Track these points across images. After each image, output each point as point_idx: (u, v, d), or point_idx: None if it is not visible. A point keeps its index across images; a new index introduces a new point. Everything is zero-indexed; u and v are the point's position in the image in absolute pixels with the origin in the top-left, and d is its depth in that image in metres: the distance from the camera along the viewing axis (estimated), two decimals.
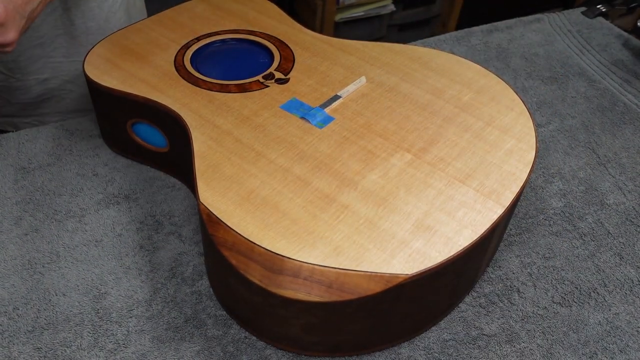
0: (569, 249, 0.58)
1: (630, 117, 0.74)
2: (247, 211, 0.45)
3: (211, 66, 0.62)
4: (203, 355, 0.47)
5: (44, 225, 0.57)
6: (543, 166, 0.67)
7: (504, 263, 0.56)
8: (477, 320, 0.51)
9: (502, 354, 0.49)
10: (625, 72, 0.82)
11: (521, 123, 0.55)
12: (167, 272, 0.53)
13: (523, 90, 0.78)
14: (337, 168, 0.49)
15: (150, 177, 0.62)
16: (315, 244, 0.43)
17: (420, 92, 0.58)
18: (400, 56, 0.63)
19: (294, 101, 0.56)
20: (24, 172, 0.62)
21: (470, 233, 0.44)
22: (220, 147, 0.51)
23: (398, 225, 0.45)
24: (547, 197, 0.63)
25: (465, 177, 0.49)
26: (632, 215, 0.61)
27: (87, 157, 0.64)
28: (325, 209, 0.46)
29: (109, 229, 0.57)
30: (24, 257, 0.54)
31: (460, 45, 0.86)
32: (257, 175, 0.48)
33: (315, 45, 0.65)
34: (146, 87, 0.57)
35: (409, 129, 0.53)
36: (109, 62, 0.60)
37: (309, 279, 0.41)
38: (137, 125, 0.61)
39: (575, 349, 0.49)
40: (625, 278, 0.55)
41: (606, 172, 0.66)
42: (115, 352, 0.47)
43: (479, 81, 0.60)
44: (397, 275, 0.41)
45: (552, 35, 0.90)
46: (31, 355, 0.47)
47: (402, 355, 0.48)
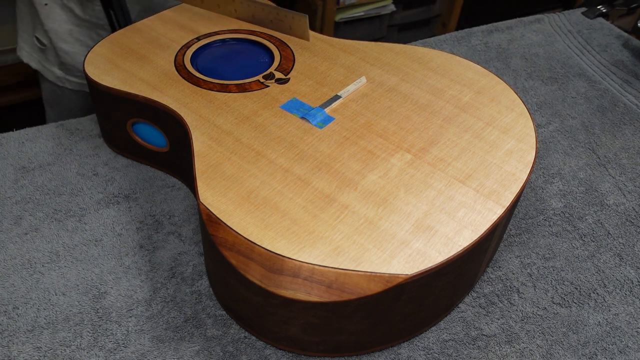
0: (568, 250, 0.58)
1: (631, 118, 0.74)
2: (247, 211, 0.45)
3: (211, 66, 0.62)
4: (203, 355, 0.47)
5: (43, 224, 0.57)
6: (543, 167, 0.67)
7: (504, 263, 0.56)
8: (476, 321, 0.51)
9: (502, 354, 0.49)
10: (626, 72, 0.82)
11: (521, 123, 0.55)
12: (167, 272, 0.53)
13: (523, 90, 0.78)
14: (337, 168, 0.49)
15: (150, 177, 0.62)
16: (315, 244, 0.43)
17: (420, 93, 0.58)
18: (401, 56, 0.63)
19: (294, 101, 0.56)
20: (24, 171, 0.62)
21: (470, 233, 0.44)
22: (220, 147, 0.51)
23: (398, 226, 0.45)
24: (547, 198, 0.63)
25: (465, 177, 0.49)
26: (632, 216, 0.61)
27: (87, 156, 0.64)
28: (325, 209, 0.46)
29: (108, 229, 0.57)
30: (24, 256, 0.54)
31: (460, 46, 0.86)
32: (257, 175, 0.48)
33: (316, 45, 0.65)
34: (146, 87, 0.57)
35: (409, 129, 0.53)
36: (109, 62, 0.60)
37: (309, 279, 0.41)
38: (137, 125, 0.61)
39: (574, 349, 0.49)
40: (625, 279, 0.55)
41: (606, 173, 0.66)
42: (115, 352, 0.47)
43: (479, 81, 0.60)
44: (397, 275, 0.41)
45: (553, 35, 0.90)
46: (31, 354, 0.47)
47: (402, 355, 0.48)
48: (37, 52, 0.87)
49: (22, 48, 0.90)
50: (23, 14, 0.86)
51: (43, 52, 0.86)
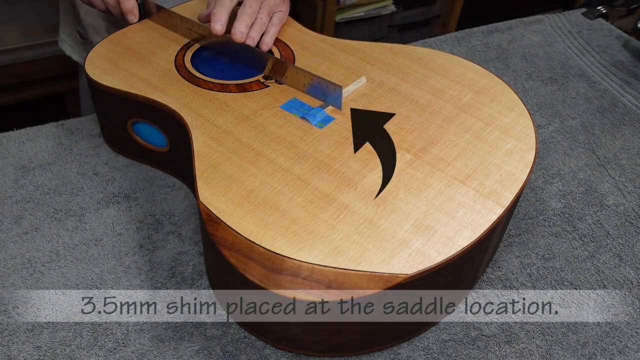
0: (568, 250, 0.58)
1: (630, 119, 0.74)
2: (247, 211, 0.45)
3: (211, 66, 0.62)
4: (202, 354, 0.47)
5: (44, 224, 0.57)
6: (543, 167, 0.67)
7: (504, 264, 0.56)
8: (476, 321, 0.51)
9: (502, 354, 0.49)
10: (625, 73, 0.82)
11: (521, 124, 0.55)
12: (167, 272, 0.53)
13: (523, 91, 0.78)
14: (337, 168, 0.49)
15: (150, 177, 0.62)
16: (315, 244, 0.43)
17: (420, 93, 0.58)
18: (401, 56, 0.63)
19: (294, 101, 0.56)
20: (24, 170, 0.62)
21: (470, 233, 0.44)
22: (220, 146, 0.51)
23: (398, 225, 0.45)
24: (547, 198, 0.63)
25: (465, 177, 0.49)
26: (631, 217, 0.61)
27: (88, 156, 0.64)
28: (324, 208, 0.46)
29: (108, 228, 0.57)
30: (24, 255, 0.54)
31: (460, 46, 0.86)
32: (257, 175, 0.48)
33: (316, 45, 0.65)
34: (147, 86, 0.57)
35: (409, 129, 0.53)
36: (109, 61, 0.60)
37: (309, 279, 0.41)
38: (137, 125, 0.61)
39: (574, 350, 0.50)
40: (624, 279, 0.55)
41: (606, 173, 0.66)
42: (115, 351, 0.47)
43: (479, 82, 0.60)
44: (396, 275, 0.41)
45: (553, 36, 0.90)
46: (31, 354, 0.47)
47: (402, 355, 0.48)
48: (79, 45, 0.88)
49: (64, 41, 0.91)
50: (66, 8, 0.87)
51: (84, 45, 0.87)
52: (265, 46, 0.62)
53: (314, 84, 0.56)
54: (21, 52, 1.48)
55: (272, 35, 0.63)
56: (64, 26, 0.90)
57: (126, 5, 0.64)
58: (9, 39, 1.45)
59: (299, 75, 0.57)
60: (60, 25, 0.91)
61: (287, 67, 0.57)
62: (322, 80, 0.55)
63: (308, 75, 0.56)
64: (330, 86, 0.55)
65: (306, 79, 0.56)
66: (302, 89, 0.57)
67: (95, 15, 0.82)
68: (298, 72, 0.57)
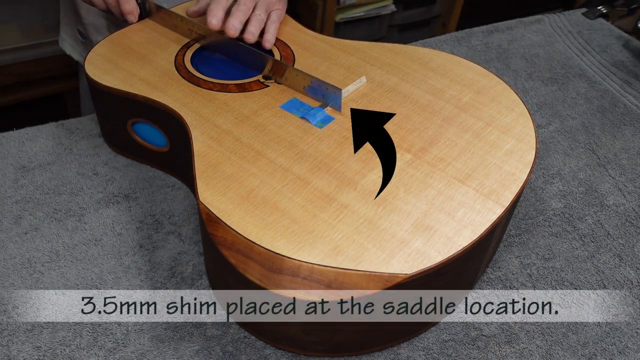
0: (568, 250, 0.58)
1: (631, 119, 0.74)
2: (247, 210, 0.45)
3: (211, 66, 0.62)
4: (202, 354, 0.47)
5: (43, 224, 0.57)
6: (543, 167, 0.67)
7: (504, 264, 0.56)
8: (476, 321, 0.51)
9: (502, 354, 0.49)
10: (626, 73, 0.82)
11: (521, 124, 0.55)
12: (167, 272, 0.53)
13: (523, 91, 0.78)
14: (337, 168, 0.49)
15: (150, 177, 0.62)
16: (315, 244, 0.43)
17: (420, 93, 0.58)
18: (401, 56, 0.63)
19: (294, 101, 0.56)
20: (24, 170, 0.62)
21: (470, 233, 0.44)
22: (220, 146, 0.51)
23: (397, 225, 0.45)
24: (547, 198, 0.63)
25: (465, 177, 0.49)
26: (631, 217, 0.61)
27: (87, 156, 0.64)
28: (324, 208, 0.46)
29: (108, 228, 0.57)
30: (24, 255, 0.54)
31: (460, 46, 0.86)
32: (256, 175, 0.48)
33: (316, 45, 0.65)
34: (146, 86, 0.57)
35: (409, 129, 0.53)
36: (109, 61, 0.60)
37: (308, 279, 0.41)
38: (137, 125, 0.61)
39: (574, 350, 0.49)
40: (624, 279, 0.55)
41: (606, 173, 0.66)
42: (115, 352, 0.47)
43: (479, 82, 0.60)
44: (396, 275, 0.41)
45: (553, 36, 0.90)
46: (30, 354, 0.47)
47: (402, 355, 0.48)
48: (79, 44, 0.88)
49: (64, 40, 0.91)
50: (66, 7, 0.87)
51: (85, 45, 0.87)
52: (267, 44, 0.62)
53: (313, 85, 0.56)
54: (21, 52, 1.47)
55: (273, 32, 0.63)
56: (64, 25, 0.90)
57: (126, 6, 0.64)
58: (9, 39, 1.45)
59: (298, 77, 0.57)
60: (60, 24, 0.91)
61: (287, 68, 0.57)
62: (322, 82, 0.55)
63: (307, 77, 0.56)
64: (329, 88, 0.55)
65: (305, 81, 0.56)
66: (302, 90, 0.57)
67: (96, 14, 0.82)
68: (297, 73, 0.57)
